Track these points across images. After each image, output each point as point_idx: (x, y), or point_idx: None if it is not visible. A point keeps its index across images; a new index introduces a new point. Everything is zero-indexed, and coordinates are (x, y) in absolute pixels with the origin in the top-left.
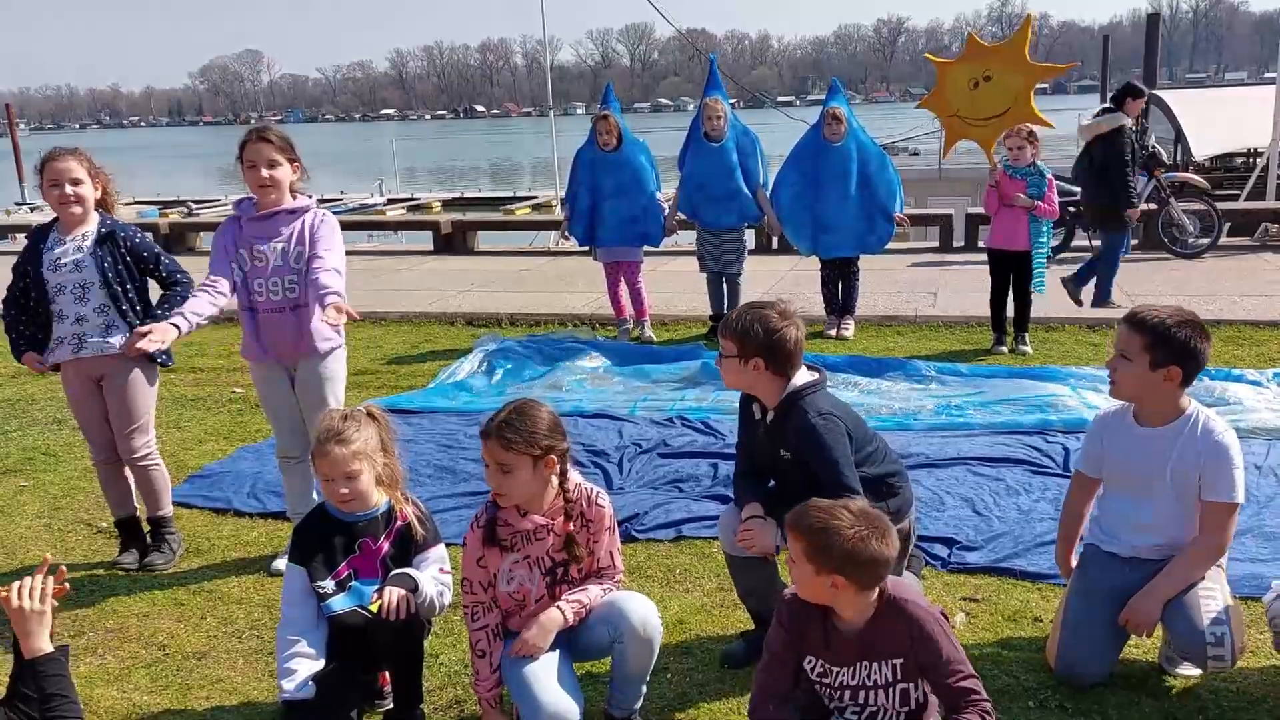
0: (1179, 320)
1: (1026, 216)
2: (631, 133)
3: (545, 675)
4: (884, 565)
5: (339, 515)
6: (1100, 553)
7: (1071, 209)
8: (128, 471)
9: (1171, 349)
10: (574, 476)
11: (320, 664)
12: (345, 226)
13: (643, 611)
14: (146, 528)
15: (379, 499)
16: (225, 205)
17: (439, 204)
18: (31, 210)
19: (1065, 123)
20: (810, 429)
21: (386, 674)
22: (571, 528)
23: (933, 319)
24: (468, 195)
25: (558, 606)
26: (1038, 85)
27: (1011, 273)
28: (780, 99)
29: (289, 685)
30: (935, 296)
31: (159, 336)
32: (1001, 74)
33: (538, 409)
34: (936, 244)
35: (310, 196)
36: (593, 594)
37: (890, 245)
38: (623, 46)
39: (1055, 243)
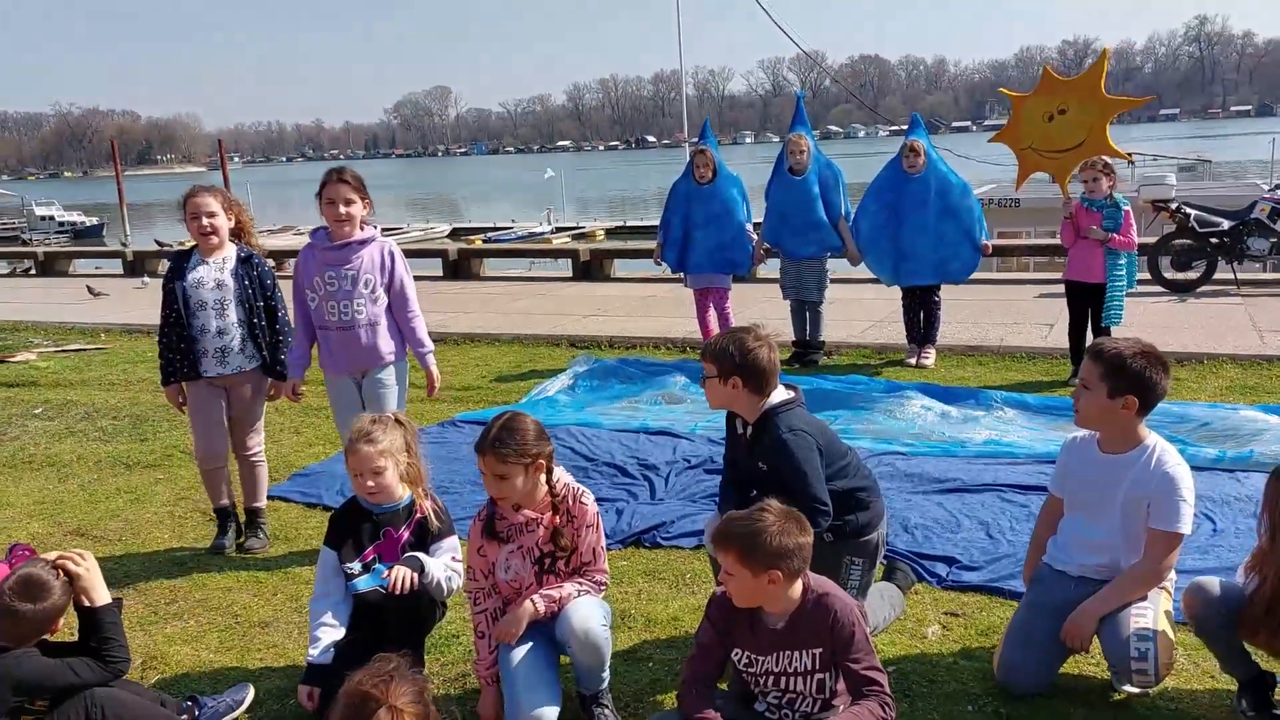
0: (1135, 352)
1: (1102, 249)
2: (727, 166)
3: (526, 674)
4: (808, 550)
5: (367, 506)
6: (1052, 570)
7: (1214, 240)
8: (228, 471)
9: (1127, 379)
10: (564, 477)
11: (341, 633)
12: (502, 254)
13: (583, 621)
14: (244, 517)
15: (402, 493)
16: (409, 232)
17: (602, 232)
18: None
19: (1257, 148)
20: (782, 443)
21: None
22: (558, 520)
23: (1016, 350)
24: (630, 224)
25: (531, 599)
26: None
27: (1089, 305)
28: (955, 124)
29: (313, 651)
30: (1051, 328)
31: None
32: (1078, 107)
33: (524, 421)
34: None
35: (376, 227)
36: (566, 591)
37: (1022, 275)
38: (794, 75)
39: (1195, 275)
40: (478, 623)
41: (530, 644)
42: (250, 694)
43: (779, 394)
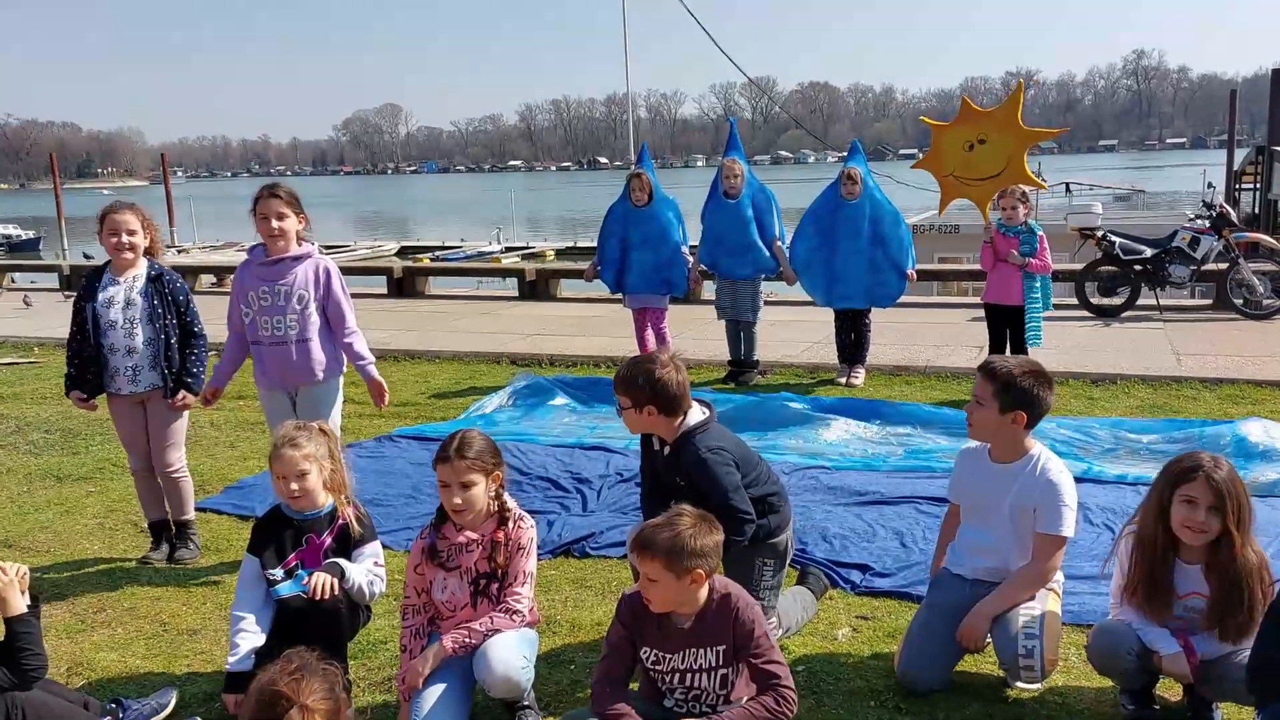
0: (1024, 370)
1: (1020, 273)
2: (662, 189)
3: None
4: (721, 548)
5: (291, 514)
6: (950, 574)
7: (1137, 267)
8: (160, 480)
9: (1016, 395)
10: (510, 500)
11: (262, 639)
12: (447, 273)
13: (503, 666)
14: (173, 529)
15: (325, 500)
16: (356, 250)
17: (553, 252)
18: (179, 253)
19: (1191, 179)
20: (702, 463)
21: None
22: (500, 536)
23: (941, 370)
24: (581, 244)
25: (442, 639)
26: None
27: (1008, 326)
28: (902, 151)
29: (232, 658)
30: (981, 350)
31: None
32: (996, 137)
33: (478, 435)
34: None
35: (313, 244)
36: (478, 631)
37: (961, 299)
38: (745, 100)
39: (1119, 300)
40: (403, 637)
41: (443, 686)
42: (174, 698)
43: (694, 414)
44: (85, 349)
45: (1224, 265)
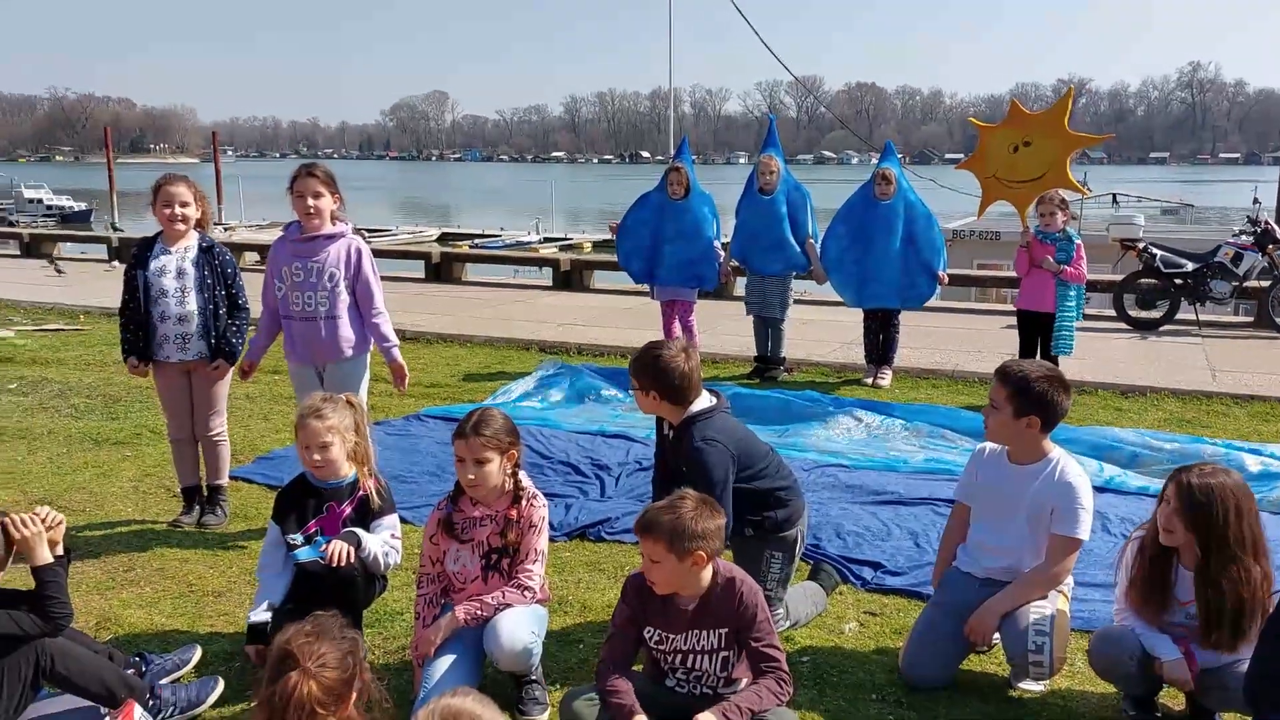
0: (1039, 375)
1: (1054, 280)
2: (700, 184)
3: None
4: (723, 532)
5: (314, 482)
6: (960, 573)
7: (1178, 281)
8: (199, 449)
9: (1030, 399)
10: (525, 479)
11: (279, 598)
12: (484, 260)
13: (511, 640)
14: (205, 494)
15: (347, 471)
16: (396, 234)
17: (590, 244)
18: (225, 230)
19: (1236, 194)
20: (695, 451)
21: None
22: (514, 514)
23: (969, 375)
24: None
25: (454, 610)
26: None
27: (1039, 334)
28: (948, 155)
29: (252, 614)
30: (1012, 355)
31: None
32: (1041, 140)
33: (497, 414)
34: None
35: (347, 224)
36: (489, 604)
37: (999, 306)
38: (790, 99)
39: (1158, 314)
40: (417, 604)
41: (454, 655)
42: (197, 654)
43: (701, 401)
44: (139, 316)
45: (1266, 283)
